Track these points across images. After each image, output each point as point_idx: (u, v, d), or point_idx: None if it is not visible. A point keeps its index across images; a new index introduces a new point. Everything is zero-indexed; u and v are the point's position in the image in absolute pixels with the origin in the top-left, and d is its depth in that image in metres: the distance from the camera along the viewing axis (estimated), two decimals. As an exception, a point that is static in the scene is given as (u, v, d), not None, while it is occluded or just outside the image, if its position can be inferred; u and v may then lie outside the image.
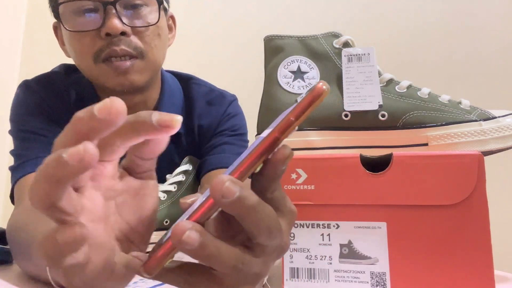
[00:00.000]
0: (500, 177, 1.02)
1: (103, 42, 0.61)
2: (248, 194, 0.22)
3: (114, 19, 0.60)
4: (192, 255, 0.22)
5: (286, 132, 0.23)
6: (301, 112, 0.23)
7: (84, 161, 0.19)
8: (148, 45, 0.64)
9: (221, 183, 0.21)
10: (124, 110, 0.21)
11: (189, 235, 0.21)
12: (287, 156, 0.24)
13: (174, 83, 0.78)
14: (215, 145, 0.75)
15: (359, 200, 0.41)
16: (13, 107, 0.69)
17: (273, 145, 0.23)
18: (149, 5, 0.64)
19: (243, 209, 0.22)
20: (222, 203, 0.22)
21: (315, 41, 0.52)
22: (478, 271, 0.38)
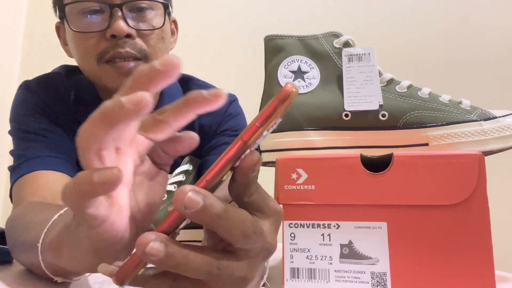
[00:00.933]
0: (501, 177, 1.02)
1: (108, 43, 0.61)
2: (213, 203, 0.22)
3: (120, 21, 0.60)
4: (158, 266, 0.22)
5: (252, 138, 0.23)
6: (267, 117, 0.23)
7: (140, 105, 0.21)
8: (152, 48, 0.65)
9: (182, 193, 0.21)
10: (180, 64, 0.23)
11: (152, 247, 0.21)
12: (255, 163, 0.24)
13: (174, 84, 0.78)
14: (216, 145, 0.75)
15: (360, 200, 0.41)
16: (13, 107, 0.69)
17: (239, 152, 0.23)
18: (154, 9, 0.65)
19: (210, 218, 0.22)
20: (186, 214, 0.22)
21: (315, 41, 0.52)
22: (479, 271, 0.38)
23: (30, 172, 0.61)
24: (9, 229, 0.51)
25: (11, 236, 0.50)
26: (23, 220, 0.47)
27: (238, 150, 0.23)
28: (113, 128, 0.22)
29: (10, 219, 0.54)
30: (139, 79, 0.23)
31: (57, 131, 0.67)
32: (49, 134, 0.66)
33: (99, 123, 0.22)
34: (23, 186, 0.60)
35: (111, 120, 0.22)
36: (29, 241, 0.42)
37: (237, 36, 1.31)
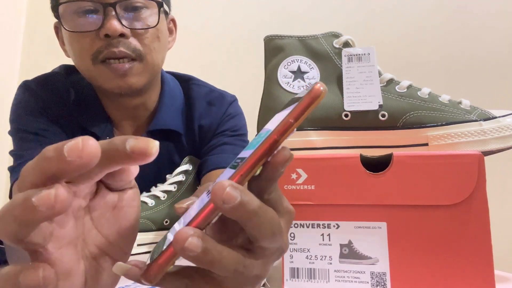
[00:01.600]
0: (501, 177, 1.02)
1: (102, 43, 0.61)
2: (250, 199, 0.22)
3: (114, 20, 0.60)
4: (194, 261, 0.22)
5: (285, 134, 0.23)
6: (300, 114, 0.23)
7: (55, 208, 0.18)
8: (147, 48, 0.64)
9: (222, 188, 0.21)
10: (97, 151, 0.19)
11: (191, 242, 0.21)
12: (287, 159, 0.24)
13: (174, 85, 0.79)
14: (215, 145, 0.75)
15: (359, 200, 0.41)
16: (13, 107, 0.69)
17: (272, 147, 0.23)
18: (149, 8, 0.64)
19: (245, 214, 0.22)
20: (224, 209, 0.21)
21: (315, 41, 0.52)
22: (478, 271, 0.38)
23: None
24: None
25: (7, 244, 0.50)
26: None
27: (271, 145, 0.23)
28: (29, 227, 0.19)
29: None
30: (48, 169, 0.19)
31: (56, 131, 0.67)
32: (48, 134, 0.66)
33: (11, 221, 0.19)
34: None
35: (23, 221, 0.19)
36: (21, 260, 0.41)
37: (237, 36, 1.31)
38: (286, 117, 0.23)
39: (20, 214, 0.19)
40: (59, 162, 0.19)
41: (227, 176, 0.24)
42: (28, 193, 0.19)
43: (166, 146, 0.75)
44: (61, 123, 0.68)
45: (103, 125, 0.70)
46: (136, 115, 0.73)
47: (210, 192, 0.22)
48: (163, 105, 0.74)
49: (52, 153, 0.19)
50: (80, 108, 0.70)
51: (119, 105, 0.70)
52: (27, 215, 0.18)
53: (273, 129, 0.23)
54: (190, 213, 0.24)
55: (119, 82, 0.63)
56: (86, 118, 0.69)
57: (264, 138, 0.23)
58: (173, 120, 0.74)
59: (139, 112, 0.72)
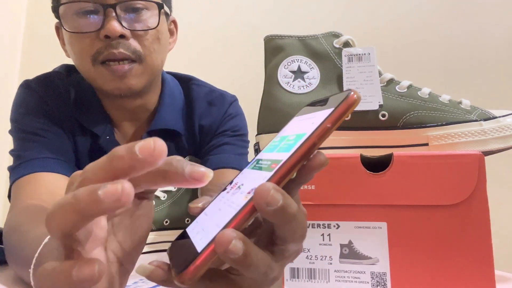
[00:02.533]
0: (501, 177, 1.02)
1: (102, 44, 0.61)
2: (290, 202, 0.22)
3: (114, 21, 0.60)
4: (232, 263, 0.22)
5: (323, 138, 0.24)
6: (337, 120, 0.24)
7: (120, 201, 0.19)
8: (147, 49, 0.64)
9: (266, 191, 0.21)
10: (165, 151, 0.21)
11: (235, 244, 0.21)
12: (322, 163, 0.24)
13: (174, 85, 0.79)
14: (216, 145, 0.75)
15: (360, 200, 0.41)
16: (14, 107, 0.69)
17: (310, 151, 0.24)
18: (149, 9, 0.64)
19: (285, 217, 0.22)
20: (266, 211, 0.22)
21: (315, 41, 0.52)
22: (479, 271, 0.38)
23: (29, 174, 0.61)
24: (5, 235, 0.51)
25: (7, 245, 0.50)
26: (18, 232, 0.47)
27: (309, 149, 0.24)
28: (87, 220, 0.20)
29: (7, 223, 0.54)
30: (119, 166, 0.20)
31: (56, 131, 0.67)
32: (48, 135, 0.66)
33: (71, 212, 0.19)
34: (21, 188, 0.60)
35: (85, 213, 0.19)
36: (21, 260, 0.41)
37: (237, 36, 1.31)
38: (324, 122, 0.24)
39: (85, 207, 0.19)
40: (131, 160, 0.20)
41: (254, 178, 0.24)
42: (94, 187, 0.19)
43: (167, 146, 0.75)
44: (62, 123, 0.68)
45: (103, 125, 0.70)
46: (136, 116, 0.73)
47: (252, 194, 0.22)
48: (163, 105, 0.73)
49: (124, 152, 0.20)
50: (80, 108, 0.70)
51: (119, 106, 0.70)
52: (92, 208, 0.19)
53: (311, 133, 0.24)
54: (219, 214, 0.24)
55: (118, 84, 0.63)
56: (87, 118, 0.69)
57: (303, 141, 0.24)
58: (173, 120, 0.74)
59: (139, 112, 0.72)
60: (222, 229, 0.22)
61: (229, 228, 0.22)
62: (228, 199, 0.25)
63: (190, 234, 0.25)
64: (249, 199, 0.22)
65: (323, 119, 0.24)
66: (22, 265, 0.42)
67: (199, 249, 0.22)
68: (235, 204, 0.23)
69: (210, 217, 0.25)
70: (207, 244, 0.22)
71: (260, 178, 0.24)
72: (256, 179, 0.24)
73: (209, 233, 0.23)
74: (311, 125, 0.25)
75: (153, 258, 0.68)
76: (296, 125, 0.28)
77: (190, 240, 0.24)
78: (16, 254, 0.45)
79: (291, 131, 0.28)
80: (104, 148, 0.70)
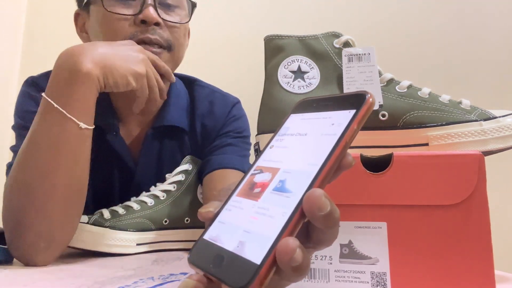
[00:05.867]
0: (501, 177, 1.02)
1: (137, 28, 0.65)
2: (335, 207, 0.23)
3: (151, 8, 0.64)
4: (291, 271, 0.22)
5: (352, 139, 0.25)
6: (360, 121, 0.25)
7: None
8: (177, 41, 0.69)
9: (317, 197, 0.22)
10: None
11: (299, 253, 0.21)
12: (350, 163, 0.25)
13: (180, 85, 0.80)
14: (219, 146, 0.76)
15: (359, 200, 0.41)
16: (18, 103, 0.70)
17: (343, 152, 0.25)
18: (184, 6, 0.70)
19: (331, 222, 0.23)
20: (317, 217, 0.22)
21: (315, 41, 0.52)
22: (479, 271, 0.38)
23: None
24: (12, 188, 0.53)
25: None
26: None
27: (342, 150, 0.25)
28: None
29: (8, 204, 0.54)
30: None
31: None
32: None
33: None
34: None
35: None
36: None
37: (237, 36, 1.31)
38: (352, 124, 0.25)
39: None
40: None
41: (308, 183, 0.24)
42: None
43: (170, 145, 0.76)
44: None
45: (109, 120, 0.70)
46: (143, 110, 0.73)
47: (302, 201, 0.22)
48: (169, 103, 0.75)
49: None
50: None
51: (127, 98, 0.71)
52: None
53: (341, 136, 0.25)
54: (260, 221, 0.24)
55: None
56: None
57: (335, 144, 0.24)
58: (179, 117, 0.75)
59: (148, 108, 0.73)
60: (277, 238, 0.22)
61: (290, 237, 0.22)
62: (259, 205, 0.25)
63: (221, 244, 0.24)
64: (297, 204, 0.23)
65: (349, 120, 0.25)
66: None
67: (257, 260, 0.22)
68: (280, 209, 0.23)
69: (243, 224, 0.24)
70: (266, 255, 0.22)
71: (298, 181, 0.24)
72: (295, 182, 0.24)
73: (261, 242, 0.22)
74: (334, 126, 0.26)
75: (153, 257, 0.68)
76: (301, 123, 0.28)
77: (228, 251, 0.23)
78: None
79: (299, 130, 0.28)
80: (110, 143, 0.70)
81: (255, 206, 0.25)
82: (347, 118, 0.25)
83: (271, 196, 0.25)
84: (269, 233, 0.22)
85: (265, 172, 0.27)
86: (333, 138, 0.25)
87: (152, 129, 0.73)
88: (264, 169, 0.28)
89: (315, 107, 0.29)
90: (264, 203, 0.25)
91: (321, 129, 0.26)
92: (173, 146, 0.76)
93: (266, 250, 0.22)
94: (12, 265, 0.56)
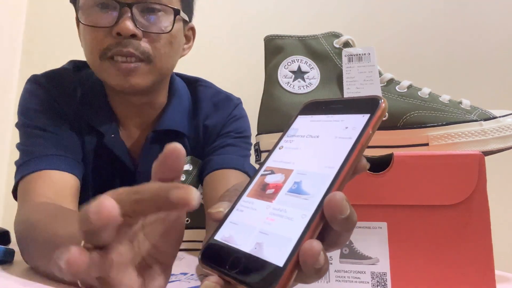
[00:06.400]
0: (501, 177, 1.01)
1: (113, 40, 0.62)
2: (354, 211, 0.23)
3: (127, 20, 0.60)
4: (313, 273, 0.22)
5: (367, 143, 0.25)
6: (375, 125, 0.25)
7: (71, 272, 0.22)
8: (157, 51, 0.64)
9: (340, 200, 0.22)
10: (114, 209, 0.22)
11: (322, 255, 0.21)
12: (365, 166, 0.25)
13: (182, 86, 0.79)
14: (219, 146, 0.76)
15: (360, 200, 0.41)
16: (22, 101, 0.69)
17: (359, 155, 0.25)
18: (166, 13, 0.64)
19: (350, 225, 0.23)
20: (337, 220, 0.22)
21: (315, 41, 0.52)
22: (479, 271, 0.38)
23: (38, 171, 0.61)
24: (25, 234, 0.52)
25: (29, 243, 0.51)
26: (45, 230, 0.48)
27: (359, 153, 0.25)
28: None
29: (23, 221, 0.54)
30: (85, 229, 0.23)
31: (65, 128, 0.67)
32: (56, 131, 0.66)
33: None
34: (30, 185, 0.60)
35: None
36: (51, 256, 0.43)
37: (237, 36, 1.31)
38: (368, 129, 0.25)
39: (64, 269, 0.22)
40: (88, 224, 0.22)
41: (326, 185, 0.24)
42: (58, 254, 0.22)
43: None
44: (69, 119, 0.68)
45: (109, 123, 0.70)
46: (142, 114, 0.73)
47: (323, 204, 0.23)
48: (170, 106, 0.74)
49: (82, 217, 0.22)
50: (86, 105, 0.70)
51: (125, 102, 0.71)
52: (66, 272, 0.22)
53: (356, 140, 0.25)
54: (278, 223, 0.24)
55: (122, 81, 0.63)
56: (92, 116, 0.70)
57: (352, 146, 0.25)
58: (179, 121, 0.75)
59: (145, 110, 0.73)
60: (299, 240, 0.22)
61: (313, 240, 0.22)
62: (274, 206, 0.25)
63: (236, 245, 0.24)
64: (316, 207, 0.23)
65: (364, 124, 0.25)
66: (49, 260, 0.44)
67: (279, 263, 0.21)
68: (299, 211, 0.23)
69: (258, 225, 0.24)
70: (289, 257, 0.21)
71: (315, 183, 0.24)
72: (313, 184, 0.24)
73: (282, 244, 0.22)
74: (348, 130, 0.26)
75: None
76: (312, 125, 0.29)
77: (245, 252, 0.23)
78: (47, 252, 0.46)
79: (310, 131, 0.28)
80: (109, 146, 0.70)
81: (270, 207, 0.25)
82: (361, 122, 0.25)
83: (287, 197, 0.25)
84: (290, 235, 0.22)
85: (277, 173, 0.27)
86: (349, 142, 0.25)
87: (153, 133, 0.72)
88: (276, 170, 0.27)
89: (325, 110, 0.29)
90: (280, 205, 0.25)
91: (335, 132, 0.26)
92: None
93: (289, 252, 0.22)
94: (12, 265, 0.56)
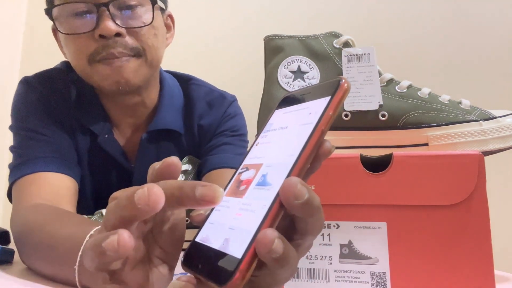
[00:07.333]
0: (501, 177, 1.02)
1: (98, 44, 0.61)
2: (314, 195, 0.22)
3: (108, 20, 0.59)
4: (272, 263, 0.22)
5: (328, 126, 0.25)
6: (336, 107, 0.25)
7: (119, 252, 0.22)
8: (145, 44, 0.64)
9: (293, 185, 0.22)
10: (162, 198, 0.23)
11: (277, 244, 0.21)
12: (329, 149, 0.25)
13: (174, 84, 0.78)
14: (215, 145, 0.75)
15: (359, 200, 0.41)
16: (14, 103, 0.69)
17: (321, 139, 0.24)
18: (143, 5, 0.64)
19: (311, 210, 0.22)
20: (294, 205, 0.22)
21: (315, 41, 0.52)
22: (478, 271, 0.38)
23: (32, 173, 0.61)
24: (23, 236, 0.52)
25: (27, 244, 0.51)
26: (42, 231, 0.48)
27: (320, 137, 0.24)
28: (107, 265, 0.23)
29: (20, 223, 0.53)
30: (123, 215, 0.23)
31: (58, 129, 0.67)
32: (50, 133, 0.65)
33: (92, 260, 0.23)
34: (25, 187, 0.60)
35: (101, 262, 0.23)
36: (57, 258, 0.43)
37: (237, 36, 1.31)
38: (327, 110, 0.25)
39: (96, 256, 0.23)
40: (132, 209, 0.23)
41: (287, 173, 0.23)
42: (99, 238, 0.22)
43: (166, 146, 0.75)
44: (61, 120, 0.68)
45: (102, 123, 0.70)
46: (135, 114, 0.72)
47: (279, 191, 0.22)
48: (163, 105, 0.73)
49: (125, 202, 0.23)
50: (80, 106, 0.70)
51: (117, 103, 0.70)
52: (101, 258, 0.22)
53: (317, 123, 0.24)
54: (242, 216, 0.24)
55: (116, 77, 0.62)
56: (85, 116, 0.69)
57: (312, 131, 0.24)
58: (173, 120, 0.74)
59: (138, 110, 0.72)
60: (257, 230, 0.22)
61: (268, 228, 0.21)
62: (243, 201, 0.25)
63: (209, 244, 0.24)
64: (275, 196, 0.22)
65: (324, 108, 0.25)
66: (55, 263, 0.44)
67: (238, 255, 0.22)
68: (261, 202, 0.23)
69: (228, 222, 0.24)
70: (247, 248, 0.21)
71: (277, 173, 0.24)
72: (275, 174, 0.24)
73: (243, 237, 0.22)
74: (311, 115, 0.25)
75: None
76: (283, 117, 0.28)
77: (215, 249, 0.24)
78: (44, 253, 0.46)
79: (281, 124, 0.28)
80: (104, 146, 0.70)
81: (239, 203, 0.25)
82: (322, 105, 0.25)
83: (254, 191, 0.25)
84: (250, 227, 0.22)
85: (250, 170, 0.27)
86: (309, 127, 0.24)
87: (147, 134, 0.72)
88: (250, 166, 0.28)
89: (295, 100, 0.29)
90: (247, 199, 0.25)
91: (300, 120, 0.26)
92: (170, 148, 0.76)
93: (247, 243, 0.22)
94: (12, 265, 0.56)
